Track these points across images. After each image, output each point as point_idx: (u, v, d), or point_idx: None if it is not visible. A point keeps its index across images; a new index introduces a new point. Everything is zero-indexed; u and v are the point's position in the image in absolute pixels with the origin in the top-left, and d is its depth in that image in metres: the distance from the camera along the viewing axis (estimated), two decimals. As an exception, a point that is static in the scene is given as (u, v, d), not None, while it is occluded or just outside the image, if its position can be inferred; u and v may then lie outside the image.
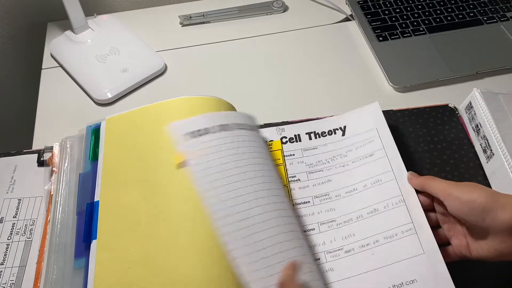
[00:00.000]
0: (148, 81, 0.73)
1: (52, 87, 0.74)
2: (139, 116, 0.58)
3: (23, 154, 0.63)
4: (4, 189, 0.59)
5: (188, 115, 0.54)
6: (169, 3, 0.88)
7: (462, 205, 0.46)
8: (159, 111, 0.57)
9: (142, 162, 0.53)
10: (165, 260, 0.46)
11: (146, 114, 0.57)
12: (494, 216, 0.44)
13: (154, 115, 0.57)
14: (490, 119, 0.59)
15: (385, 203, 0.54)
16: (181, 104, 0.56)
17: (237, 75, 0.74)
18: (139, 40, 0.77)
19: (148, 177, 0.52)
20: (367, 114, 0.62)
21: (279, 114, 0.67)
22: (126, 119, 0.58)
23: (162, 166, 0.52)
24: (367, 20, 0.79)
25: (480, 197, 0.45)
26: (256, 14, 0.83)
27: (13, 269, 0.53)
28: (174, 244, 0.47)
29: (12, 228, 0.56)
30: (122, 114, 0.59)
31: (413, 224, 0.52)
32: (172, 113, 0.56)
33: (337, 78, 0.73)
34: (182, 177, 0.50)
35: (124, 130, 0.57)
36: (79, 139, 0.60)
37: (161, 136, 0.54)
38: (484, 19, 0.79)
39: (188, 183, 0.50)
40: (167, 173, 0.51)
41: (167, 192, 0.50)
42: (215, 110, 0.56)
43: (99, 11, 0.83)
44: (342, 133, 0.62)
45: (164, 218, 0.49)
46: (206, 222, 0.47)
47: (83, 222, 0.52)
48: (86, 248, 0.49)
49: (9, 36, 0.86)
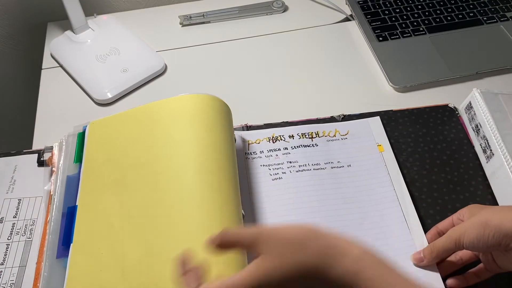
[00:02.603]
0: (148, 81, 0.73)
1: (52, 87, 0.74)
2: (121, 120, 0.58)
3: (23, 154, 0.63)
4: (4, 189, 0.59)
5: (172, 116, 0.55)
6: (169, 3, 0.88)
7: (477, 247, 0.46)
8: (140, 114, 0.57)
9: (120, 166, 0.54)
10: (137, 263, 0.47)
11: (127, 118, 0.58)
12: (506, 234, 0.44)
13: (135, 119, 0.57)
14: (490, 119, 0.59)
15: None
16: (164, 105, 0.57)
17: (237, 75, 0.74)
18: (139, 40, 0.77)
19: (125, 181, 0.53)
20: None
21: (279, 114, 0.67)
22: (108, 123, 0.59)
23: (139, 170, 0.53)
24: (367, 20, 0.79)
25: (488, 232, 0.44)
26: (256, 14, 0.83)
27: (13, 269, 0.53)
28: (146, 248, 0.48)
29: (12, 228, 0.56)
30: (105, 118, 0.60)
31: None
32: (153, 116, 0.56)
33: (337, 78, 0.73)
34: (158, 181, 0.51)
35: (106, 134, 0.58)
36: (74, 138, 0.60)
37: (140, 140, 0.55)
38: (484, 19, 0.79)
39: (164, 187, 0.50)
40: (144, 177, 0.52)
41: (142, 197, 0.51)
42: (197, 109, 0.55)
43: (99, 11, 0.83)
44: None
45: (137, 223, 0.49)
46: (179, 225, 0.47)
47: (64, 225, 0.53)
48: (66, 250, 0.51)
49: (9, 36, 0.86)
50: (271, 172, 0.59)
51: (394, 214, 0.55)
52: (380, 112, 0.66)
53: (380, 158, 0.60)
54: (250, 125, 0.65)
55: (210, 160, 0.51)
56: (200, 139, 0.52)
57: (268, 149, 0.62)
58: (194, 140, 0.52)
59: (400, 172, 0.59)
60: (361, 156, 0.60)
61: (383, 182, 0.58)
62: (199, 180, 0.50)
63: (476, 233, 0.45)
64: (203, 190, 0.49)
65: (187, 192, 0.49)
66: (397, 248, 0.52)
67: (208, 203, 0.48)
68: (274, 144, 0.62)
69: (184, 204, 0.49)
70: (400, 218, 0.55)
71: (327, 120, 0.65)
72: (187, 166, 0.51)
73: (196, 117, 0.54)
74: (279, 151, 0.61)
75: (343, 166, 0.59)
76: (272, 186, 0.58)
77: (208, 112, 0.55)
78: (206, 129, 0.53)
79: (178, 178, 0.51)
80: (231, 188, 0.51)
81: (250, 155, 0.61)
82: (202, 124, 0.54)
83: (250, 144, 0.62)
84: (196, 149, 0.52)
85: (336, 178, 0.58)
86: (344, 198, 0.56)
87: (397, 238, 0.53)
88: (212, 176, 0.50)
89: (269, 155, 0.61)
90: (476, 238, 0.45)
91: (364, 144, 0.62)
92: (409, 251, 0.52)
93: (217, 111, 0.56)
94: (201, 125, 0.54)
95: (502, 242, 0.44)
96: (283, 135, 0.63)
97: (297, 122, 0.65)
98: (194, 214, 0.48)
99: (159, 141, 0.54)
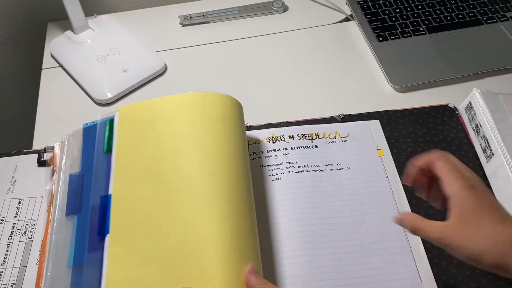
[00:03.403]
0: (148, 81, 0.73)
1: (52, 87, 0.74)
2: (152, 107, 0.57)
3: (23, 154, 0.63)
4: (4, 189, 0.59)
5: (202, 111, 0.54)
6: (169, 3, 0.88)
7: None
8: (172, 104, 0.56)
9: (153, 154, 0.52)
10: (177, 255, 0.46)
11: (159, 106, 0.56)
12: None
13: (167, 107, 0.56)
14: (490, 119, 0.59)
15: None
16: (195, 99, 0.56)
17: (237, 75, 0.74)
18: (139, 40, 0.77)
19: (161, 171, 0.51)
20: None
21: (279, 114, 0.67)
22: (139, 109, 0.57)
23: (175, 160, 0.51)
24: (367, 20, 0.79)
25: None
26: (256, 14, 0.83)
27: (14, 269, 0.53)
28: (183, 239, 0.46)
29: (13, 229, 0.56)
30: (135, 103, 0.58)
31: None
32: (185, 107, 0.55)
33: (337, 78, 0.73)
34: (194, 172, 0.50)
35: (136, 121, 0.56)
36: (75, 138, 0.60)
37: (174, 129, 0.54)
38: (484, 19, 0.79)
39: (201, 178, 0.50)
40: (180, 168, 0.51)
41: (179, 187, 0.50)
42: (227, 108, 0.56)
43: (99, 11, 0.83)
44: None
45: (176, 214, 0.48)
46: (219, 217, 0.47)
47: (97, 215, 0.51)
48: (100, 242, 0.49)
49: (9, 36, 0.86)
50: (270, 173, 0.59)
51: (392, 220, 0.55)
52: (380, 112, 0.66)
53: (380, 162, 0.60)
54: (250, 125, 0.65)
55: (236, 157, 0.52)
56: (227, 137, 0.53)
57: (268, 149, 0.62)
58: (222, 136, 0.53)
59: (400, 173, 0.59)
60: (361, 159, 0.60)
61: (382, 187, 0.58)
62: (227, 174, 0.51)
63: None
64: (231, 184, 0.50)
65: (217, 185, 0.49)
66: (395, 252, 0.53)
67: (237, 196, 0.50)
68: (274, 144, 0.62)
69: (214, 194, 0.49)
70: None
71: (327, 120, 0.65)
72: (218, 160, 0.51)
73: (228, 116, 0.55)
74: (278, 151, 0.61)
75: (342, 169, 0.60)
76: (271, 186, 0.58)
77: (233, 112, 0.57)
78: (232, 128, 0.55)
79: (209, 169, 0.51)
80: (250, 185, 0.53)
81: (250, 155, 0.61)
82: (229, 124, 0.55)
83: (250, 144, 0.62)
84: (225, 146, 0.53)
85: (335, 180, 0.58)
86: (342, 201, 0.56)
87: (395, 242, 0.53)
88: (238, 173, 0.51)
89: (268, 156, 0.61)
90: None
91: (364, 147, 0.62)
92: (406, 252, 0.53)
93: (239, 113, 0.58)
94: (228, 124, 0.55)
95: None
96: (283, 135, 0.63)
97: (297, 122, 0.65)
98: (224, 205, 0.48)
99: (185, 133, 0.53)
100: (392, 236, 0.54)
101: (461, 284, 0.51)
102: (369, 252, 0.52)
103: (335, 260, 0.52)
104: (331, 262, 0.52)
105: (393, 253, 0.52)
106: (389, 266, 0.51)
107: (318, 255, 0.52)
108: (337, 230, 0.54)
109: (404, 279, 0.51)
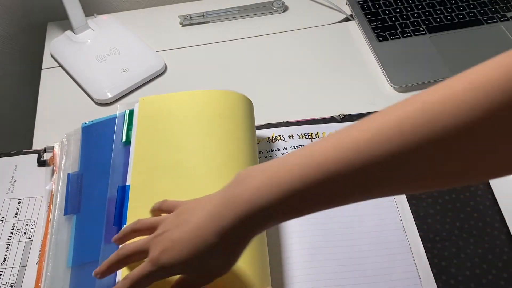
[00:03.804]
0: (148, 81, 0.73)
1: (52, 87, 0.74)
2: (172, 100, 0.58)
3: (23, 154, 0.63)
4: (4, 189, 0.59)
5: (223, 108, 0.56)
6: (169, 3, 0.88)
7: None
8: (193, 98, 0.57)
9: (173, 147, 0.53)
10: None
11: (179, 100, 0.57)
12: None
13: (188, 101, 0.57)
14: (490, 119, 0.59)
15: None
16: (215, 95, 0.57)
17: (237, 75, 0.74)
18: (139, 40, 0.77)
19: (179, 162, 0.52)
20: None
21: (279, 114, 0.67)
22: (159, 101, 0.58)
23: (193, 152, 0.52)
24: (367, 20, 0.79)
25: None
26: (256, 14, 0.83)
27: (13, 269, 0.53)
28: None
29: (12, 228, 0.56)
30: (155, 96, 0.59)
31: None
32: (205, 103, 0.56)
33: (337, 78, 0.73)
34: (212, 165, 0.51)
35: (157, 112, 0.57)
36: (75, 138, 0.60)
37: (193, 123, 0.55)
38: (484, 19, 0.78)
39: (218, 171, 0.50)
40: (198, 160, 0.52)
41: (196, 180, 0.50)
42: (243, 107, 0.58)
43: (99, 11, 0.83)
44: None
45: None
46: None
47: (113, 206, 0.51)
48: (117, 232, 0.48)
49: (9, 36, 0.86)
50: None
51: (391, 220, 0.55)
52: (380, 112, 0.66)
53: None
54: (250, 125, 0.65)
55: (250, 153, 0.54)
56: (243, 133, 0.55)
57: (268, 149, 0.62)
58: (238, 132, 0.55)
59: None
60: None
61: None
62: (243, 167, 0.50)
63: None
64: None
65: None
66: (395, 252, 0.53)
67: None
68: (273, 144, 0.62)
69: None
70: (396, 218, 0.55)
71: (327, 120, 0.65)
72: (234, 154, 0.53)
73: (243, 114, 0.57)
74: (278, 151, 0.61)
75: None
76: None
77: (249, 111, 0.59)
78: (247, 126, 0.56)
79: (226, 162, 0.52)
80: None
81: (250, 155, 0.61)
82: (244, 121, 0.57)
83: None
84: (241, 142, 0.54)
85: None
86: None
87: (394, 243, 0.53)
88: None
89: (268, 155, 0.61)
90: None
91: None
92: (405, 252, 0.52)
93: (251, 112, 0.59)
94: (244, 121, 0.57)
95: None
96: (282, 135, 0.63)
97: (297, 122, 0.65)
98: None
99: (204, 127, 0.54)
100: (392, 236, 0.54)
101: (461, 284, 0.51)
102: (368, 252, 0.52)
103: (334, 260, 0.52)
104: (330, 262, 0.52)
105: (393, 253, 0.52)
106: (389, 266, 0.51)
107: (318, 254, 0.52)
108: (336, 230, 0.54)
109: (404, 279, 0.51)
